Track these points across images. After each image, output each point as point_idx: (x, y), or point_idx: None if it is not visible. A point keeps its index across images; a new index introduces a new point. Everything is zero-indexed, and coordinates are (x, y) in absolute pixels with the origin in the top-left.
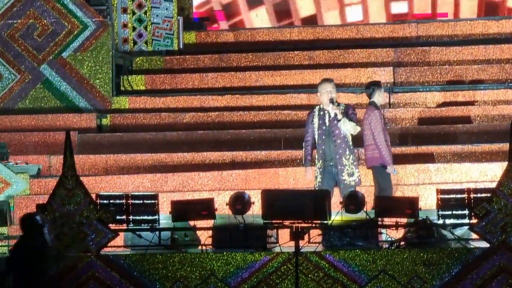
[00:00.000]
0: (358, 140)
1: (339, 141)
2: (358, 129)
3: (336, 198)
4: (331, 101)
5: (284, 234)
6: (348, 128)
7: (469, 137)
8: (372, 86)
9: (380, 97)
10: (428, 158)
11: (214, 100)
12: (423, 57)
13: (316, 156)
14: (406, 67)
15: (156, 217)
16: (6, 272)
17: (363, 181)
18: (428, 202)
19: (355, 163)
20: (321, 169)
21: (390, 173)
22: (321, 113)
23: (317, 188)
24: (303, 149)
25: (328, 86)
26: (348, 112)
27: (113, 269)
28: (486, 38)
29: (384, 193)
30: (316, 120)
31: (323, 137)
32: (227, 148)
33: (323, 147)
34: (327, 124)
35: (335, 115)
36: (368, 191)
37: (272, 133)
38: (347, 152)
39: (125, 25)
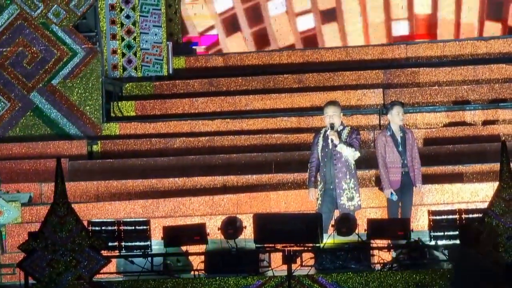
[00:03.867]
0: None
1: (339, 164)
2: (358, 155)
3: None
4: (331, 126)
5: (276, 258)
6: (346, 153)
7: (459, 158)
8: (387, 106)
9: (395, 118)
10: None
11: (205, 124)
12: (413, 78)
13: (319, 178)
14: (396, 89)
15: (148, 243)
16: None
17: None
18: (420, 223)
19: (356, 188)
20: (322, 192)
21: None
22: (326, 135)
23: (317, 210)
24: (308, 170)
25: (329, 110)
26: (352, 136)
27: None
28: (475, 58)
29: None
30: (320, 141)
31: (325, 159)
32: (218, 173)
33: (325, 169)
34: (330, 146)
35: (332, 140)
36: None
37: (263, 157)
38: (348, 176)
39: (114, 51)
